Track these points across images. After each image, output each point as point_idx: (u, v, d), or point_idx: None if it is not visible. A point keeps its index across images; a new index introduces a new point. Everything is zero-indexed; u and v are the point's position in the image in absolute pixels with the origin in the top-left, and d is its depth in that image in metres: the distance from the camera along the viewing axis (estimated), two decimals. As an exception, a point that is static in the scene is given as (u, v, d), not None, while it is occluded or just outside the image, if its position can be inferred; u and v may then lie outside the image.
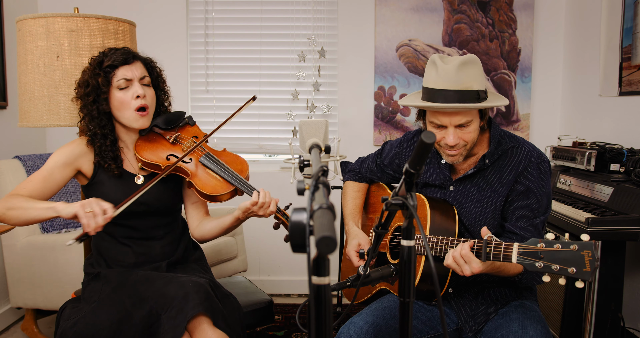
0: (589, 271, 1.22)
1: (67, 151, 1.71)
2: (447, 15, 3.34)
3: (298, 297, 3.45)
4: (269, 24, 3.40)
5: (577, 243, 1.24)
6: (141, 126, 1.72)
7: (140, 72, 1.71)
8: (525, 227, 1.55)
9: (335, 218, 0.74)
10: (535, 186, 1.55)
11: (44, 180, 1.66)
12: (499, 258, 1.34)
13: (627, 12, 2.64)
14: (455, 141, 1.51)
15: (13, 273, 2.59)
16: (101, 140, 1.69)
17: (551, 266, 1.26)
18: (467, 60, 1.48)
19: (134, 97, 1.67)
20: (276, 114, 3.44)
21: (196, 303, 1.47)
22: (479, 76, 1.49)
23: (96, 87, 1.67)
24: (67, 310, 1.65)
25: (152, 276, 1.61)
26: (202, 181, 1.73)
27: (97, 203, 1.46)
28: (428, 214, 1.58)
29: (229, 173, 1.75)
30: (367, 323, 1.53)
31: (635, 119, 2.60)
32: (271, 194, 1.66)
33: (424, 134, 0.96)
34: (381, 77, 3.38)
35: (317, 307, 0.75)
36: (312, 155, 1.08)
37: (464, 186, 1.63)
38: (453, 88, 1.46)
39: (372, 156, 1.94)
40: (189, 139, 1.82)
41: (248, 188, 1.72)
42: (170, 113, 1.85)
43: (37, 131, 3.32)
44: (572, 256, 1.24)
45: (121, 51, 1.70)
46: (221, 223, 1.75)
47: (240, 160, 1.85)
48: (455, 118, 1.49)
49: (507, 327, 1.49)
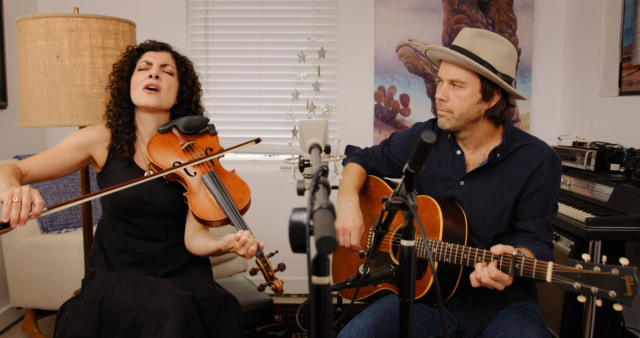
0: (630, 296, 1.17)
1: (83, 135, 1.72)
2: (447, 15, 3.34)
3: (298, 297, 3.45)
4: (269, 24, 3.40)
5: (617, 267, 1.19)
6: (145, 103, 1.70)
7: (163, 60, 1.75)
8: (538, 225, 1.56)
9: (335, 218, 0.74)
10: (549, 185, 1.55)
11: (51, 156, 1.66)
12: (531, 275, 1.31)
13: (627, 12, 2.64)
14: (442, 95, 1.55)
15: (13, 273, 2.59)
16: (116, 119, 1.72)
17: (590, 289, 1.22)
18: (486, 33, 1.53)
19: (147, 77, 1.70)
20: (276, 114, 3.44)
21: (173, 326, 1.41)
22: (492, 51, 1.51)
23: (121, 68, 1.74)
24: (67, 310, 1.65)
25: (140, 284, 1.57)
26: (197, 200, 1.69)
27: (28, 194, 1.36)
28: (440, 218, 1.56)
29: (226, 200, 1.68)
30: (368, 325, 1.52)
31: (635, 119, 2.60)
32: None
33: (424, 134, 0.96)
34: (381, 77, 3.38)
35: (317, 307, 0.75)
36: (312, 155, 1.08)
37: (475, 182, 1.62)
38: (462, 46, 1.52)
39: (377, 146, 1.92)
40: (201, 152, 1.79)
41: (239, 222, 1.65)
42: (195, 117, 1.82)
43: (37, 131, 3.32)
44: (612, 280, 1.20)
45: (155, 41, 1.79)
46: (207, 246, 1.67)
47: (244, 187, 1.77)
48: (451, 72, 1.53)
49: (506, 328, 1.49)
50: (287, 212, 2.76)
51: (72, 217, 2.78)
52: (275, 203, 3.36)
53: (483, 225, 1.59)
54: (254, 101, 3.45)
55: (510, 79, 1.54)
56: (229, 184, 1.75)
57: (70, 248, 2.54)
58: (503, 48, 1.52)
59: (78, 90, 1.83)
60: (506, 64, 1.52)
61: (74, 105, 1.84)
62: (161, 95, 1.72)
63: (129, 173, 1.72)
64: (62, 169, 1.67)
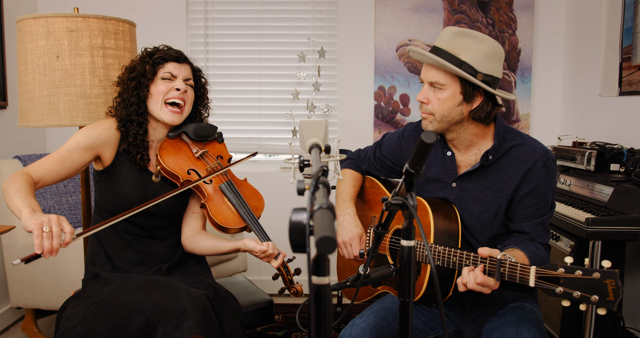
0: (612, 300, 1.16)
1: (93, 135, 1.67)
2: (447, 15, 3.34)
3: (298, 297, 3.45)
4: (269, 24, 3.40)
5: (599, 271, 1.18)
6: (171, 121, 1.70)
7: (186, 73, 1.74)
8: (533, 226, 1.54)
9: (335, 218, 0.74)
10: (543, 185, 1.53)
11: (61, 161, 1.62)
12: (515, 279, 1.31)
13: (627, 12, 2.64)
14: (422, 97, 1.54)
15: (13, 273, 2.60)
16: (136, 128, 1.69)
17: (572, 293, 1.21)
18: (468, 32, 1.50)
19: (173, 89, 1.69)
20: (276, 114, 3.44)
21: (194, 323, 1.42)
22: (473, 51, 1.46)
23: (142, 74, 1.70)
24: (67, 310, 1.64)
25: (151, 284, 1.57)
26: (216, 208, 1.71)
27: (58, 223, 1.32)
28: (431, 220, 1.55)
29: (245, 208, 1.73)
30: (370, 325, 1.52)
31: (635, 119, 2.60)
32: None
33: (423, 134, 0.95)
34: (381, 77, 3.38)
35: (317, 307, 0.75)
36: (312, 155, 1.08)
37: (467, 184, 1.60)
38: (441, 47, 1.50)
39: (370, 148, 1.91)
40: (215, 160, 1.80)
41: (259, 230, 1.71)
42: (203, 124, 1.83)
43: (37, 131, 3.32)
44: (594, 284, 1.18)
45: (175, 50, 1.76)
46: (219, 246, 1.71)
47: (258, 196, 1.82)
48: (430, 74, 1.52)
49: (502, 328, 1.48)
50: (287, 212, 2.75)
51: (72, 217, 2.78)
52: (275, 203, 3.36)
53: (477, 227, 1.58)
54: (254, 101, 3.45)
55: (495, 79, 1.49)
56: (244, 193, 1.79)
57: (70, 248, 2.50)
58: (485, 47, 1.47)
59: (78, 90, 1.83)
60: (489, 64, 1.47)
61: (74, 105, 1.84)
62: (184, 111, 1.73)
63: (137, 174, 1.72)
64: (73, 171, 1.65)
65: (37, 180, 1.58)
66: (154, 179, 1.74)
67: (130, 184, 1.70)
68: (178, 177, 1.71)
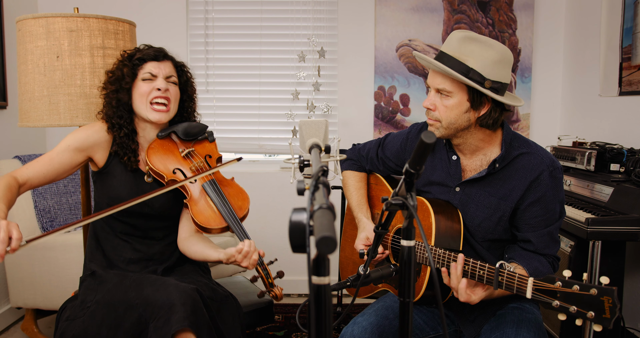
0: (608, 318, 1.14)
1: (82, 136, 1.69)
2: (447, 15, 3.34)
3: (298, 297, 3.45)
4: (269, 24, 3.40)
5: (597, 288, 1.17)
6: (157, 120, 1.70)
7: (167, 71, 1.73)
8: (539, 236, 1.52)
9: (335, 218, 0.74)
10: (549, 195, 1.50)
11: (50, 162, 1.64)
12: (512, 289, 1.30)
13: (627, 12, 2.64)
14: (429, 104, 1.51)
15: (13, 273, 2.59)
16: (119, 130, 1.70)
17: (568, 308, 1.20)
18: (476, 37, 1.46)
19: (155, 89, 1.69)
20: (276, 114, 3.44)
21: (182, 317, 1.42)
22: (481, 57, 1.43)
23: (120, 77, 1.70)
24: (67, 310, 1.65)
25: (143, 281, 1.58)
26: (198, 208, 1.70)
27: (6, 230, 1.35)
28: (433, 221, 1.53)
29: (227, 208, 1.70)
30: (371, 323, 1.52)
31: (635, 119, 2.60)
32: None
33: (424, 134, 0.95)
34: (381, 77, 3.38)
35: (317, 307, 0.75)
36: (312, 155, 1.08)
37: (471, 189, 1.58)
38: (449, 52, 1.47)
39: (371, 146, 1.89)
40: (201, 159, 1.79)
41: (240, 231, 1.67)
42: (194, 124, 1.82)
43: (37, 131, 3.32)
44: (591, 300, 1.17)
45: (155, 49, 1.74)
46: (205, 254, 1.68)
47: (243, 196, 1.79)
48: (436, 80, 1.49)
49: (501, 329, 1.48)
50: (287, 212, 2.75)
51: (72, 217, 2.78)
52: (275, 203, 3.36)
53: (478, 232, 1.58)
54: (254, 101, 3.45)
55: (503, 85, 1.47)
56: (228, 192, 1.77)
57: (70, 248, 2.54)
58: (494, 53, 1.44)
59: (78, 90, 1.83)
60: (498, 70, 1.44)
61: (74, 105, 1.84)
62: (170, 109, 1.73)
63: (130, 175, 1.73)
64: (62, 173, 1.66)
65: (22, 182, 1.59)
66: (146, 179, 1.74)
67: (123, 185, 1.70)
68: (163, 176, 1.71)
